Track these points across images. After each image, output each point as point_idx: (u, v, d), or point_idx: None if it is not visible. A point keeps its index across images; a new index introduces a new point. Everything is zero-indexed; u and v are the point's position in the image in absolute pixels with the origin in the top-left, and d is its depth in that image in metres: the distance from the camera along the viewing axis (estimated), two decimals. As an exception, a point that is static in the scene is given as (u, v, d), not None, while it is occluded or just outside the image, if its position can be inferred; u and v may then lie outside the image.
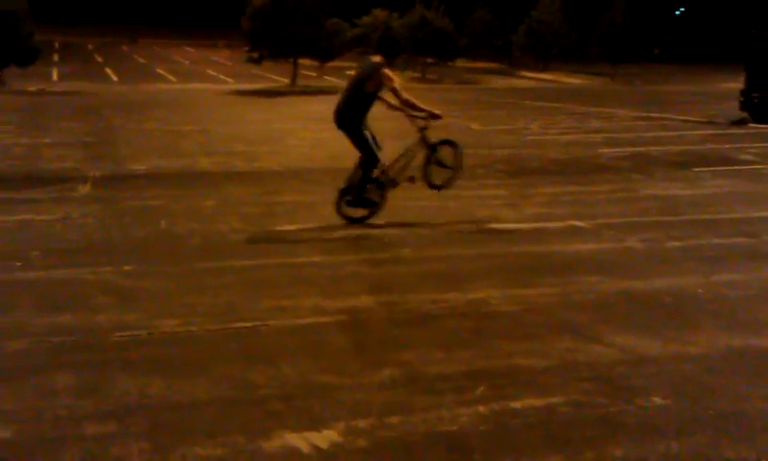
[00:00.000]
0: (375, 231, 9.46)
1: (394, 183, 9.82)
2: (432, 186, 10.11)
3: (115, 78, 35.19)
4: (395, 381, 5.49)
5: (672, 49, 58.64)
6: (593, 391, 5.39)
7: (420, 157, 10.08)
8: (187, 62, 45.89)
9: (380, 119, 10.11)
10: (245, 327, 6.44)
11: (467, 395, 5.29)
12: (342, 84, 31.92)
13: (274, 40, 31.73)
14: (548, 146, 17.04)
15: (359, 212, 9.72)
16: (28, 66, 29.71)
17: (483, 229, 9.73)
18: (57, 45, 51.58)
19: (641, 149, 16.68)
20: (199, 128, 19.18)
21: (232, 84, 32.99)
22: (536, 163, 14.72)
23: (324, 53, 33.72)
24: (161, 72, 38.56)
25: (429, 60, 41.67)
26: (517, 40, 48.28)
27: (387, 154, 9.83)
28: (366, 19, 46.71)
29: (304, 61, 34.19)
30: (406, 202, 10.14)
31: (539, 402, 5.21)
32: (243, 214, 10.24)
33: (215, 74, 38.34)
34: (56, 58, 43.71)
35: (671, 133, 19.69)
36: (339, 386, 5.40)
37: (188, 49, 57.51)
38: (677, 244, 9.22)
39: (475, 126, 20.34)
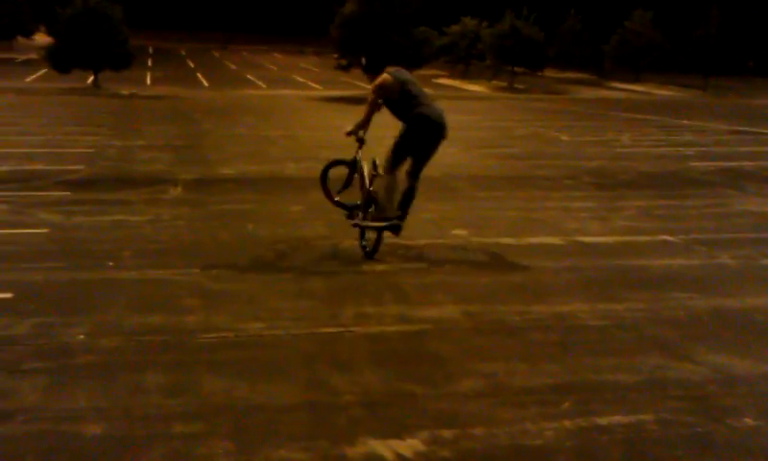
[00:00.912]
0: (462, 241, 9.43)
1: None
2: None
3: (206, 83, 35.81)
4: (479, 392, 5.46)
5: (768, 62, 57.16)
6: (682, 409, 5.27)
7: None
8: (276, 69, 46.46)
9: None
10: (329, 333, 6.47)
11: (552, 409, 5.23)
12: (428, 92, 31.87)
13: (362, 48, 31.90)
14: (638, 158, 16.76)
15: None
16: (122, 70, 30.44)
17: (570, 241, 9.60)
18: (150, 50, 52.74)
19: (734, 163, 16.28)
20: (287, 133, 19.39)
21: (320, 91, 33.28)
22: (625, 176, 14.49)
23: (413, 61, 33.74)
24: (251, 78, 39.11)
25: (518, 70, 41.43)
26: (609, 50, 47.66)
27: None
28: (455, 28, 46.72)
29: (392, 69, 34.29)
30: (490, 211, 10.07)
31: (626, 419, 5.11)
32: (329, 220, 10.28)
33: (303, 80, 38.72)
34: (149, 62, 44.68)
35: (766, 149, 19.18)
36: (423, 395, 5.39)
37: (277, 56, 58.23)
38: (771, 262, 8.98)
39: (564, 137, 20.13)
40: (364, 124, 9.04)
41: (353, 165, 9.29)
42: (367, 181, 8.94)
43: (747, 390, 5.63)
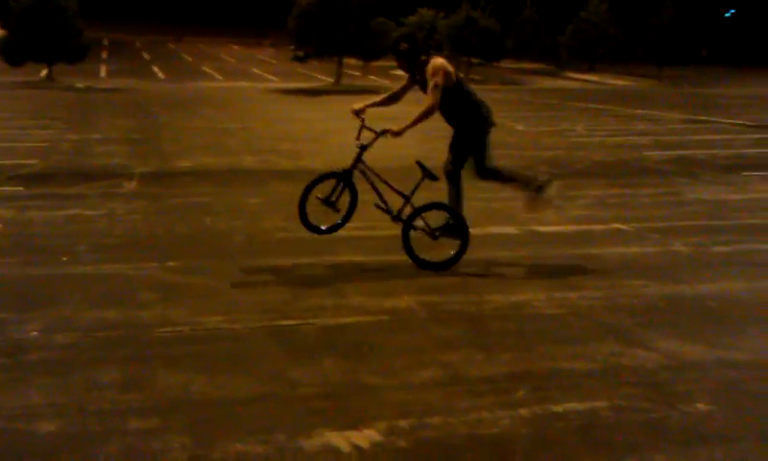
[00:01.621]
0: (417, 233, 9.43)
1: None
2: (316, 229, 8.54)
3: (162, 75, 35.52)
4: (436, 382, 5.49)
5: (721, 51, 57.91)
6: (637, 396, 5.34)
7: None
8: (233, 61, 46.20)
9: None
10: (288, 326, 6.47)
11: (508, 397, 5.27)
12: (386, 83, 31.83)
13: (319, 39, 31.83)
14: (594, 148, 16.91)
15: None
16: (76, 63, 30.11)
17: (526, 231, 9.66)
18: (105, 43, 52.18)
19: (688, 152, 16.48)
20: (244, 126, 19.30)
21: (277, 83, 33.15)
22: (581, 165, 14.62)
23: (369, 52, 33.73)
24: (207, 70, 38.86)
25: (474, 61, 41.53)
26: (564, 41, 47.95)
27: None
28: (412, 19, 46.69)
29: (349, 61, 34.27)
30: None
31: (581, 406, 5.17)
32: (287, 212, 10.25)
33: (260, 72, 38.55)
34: (104, 55, 44.22)
35: (719, 137, 19.44)
36: (380, 386, 5.41)
37: (234, 47, 57.88)
38: (723, 249, 9.11)
39: (520, 127, 20.25)
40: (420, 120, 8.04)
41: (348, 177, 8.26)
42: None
43: (699, 375, 5.72)
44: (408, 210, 8.23)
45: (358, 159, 8.22)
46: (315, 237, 8.71)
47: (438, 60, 8.11)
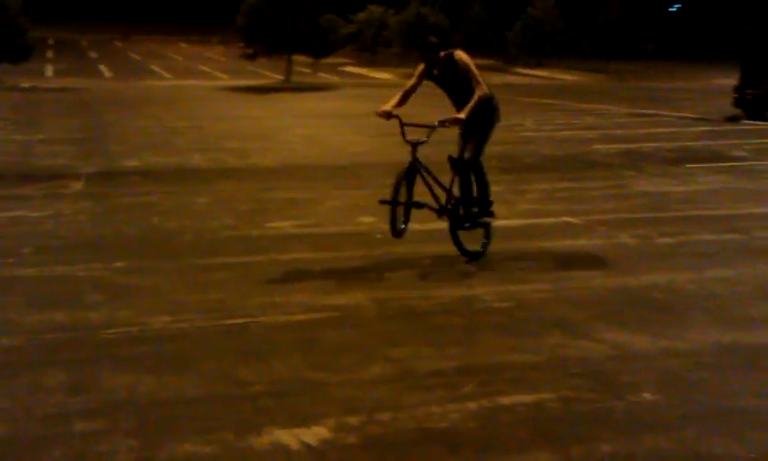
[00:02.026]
0: (367, 229, 9.46)
1: None
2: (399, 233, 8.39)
3: (109, 74, 35.12)
4: (385, 378, 5.50)
5: (667, 46, 58.64)
6: (583, 387, 5.40)
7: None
8: (181, 59, 45.81)
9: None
10: (236, 324, 6.44)
11: (457, 391, 5.30)
12: (335, 80, 31.75)
13: (268, 37, 31.69)
14: (542, 143, 17.04)
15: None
16: (21, 63, 29.64)
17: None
18: (51, 42, 51.43)
19: (634, 145, 16.68)
20: (192, 124, 19.15)
21: (226, 81, 32.93)
22: (530, 160, 14.73)
23: (319, 49, 33.65)
24: (155, 68, 38.48)
25: (424, 57, 41.53)
26: (513, 37, 48.24)
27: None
28: (361, 16, 46.67)
29: (299, 58, 34.17)
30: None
31: (528, 399, 5.22)
32: (235, 211, 10.23)
33: (209, 70, 38.27)
34: (50, 54, 43.57)
35: (664, 130, 19.70)
36: (330, 382, 5.41)
37: (182, 45, 57.39)
38: (668, 240, 9.24)
39: (469, 122, 20.31)
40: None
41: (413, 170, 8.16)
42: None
43: (645, 366, 5.80)
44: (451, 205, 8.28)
45: (414, 156, 8.13)
46: (263, 235, 8.72)
47: (463, 53, 8.27)
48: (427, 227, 9.30)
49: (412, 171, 8.11)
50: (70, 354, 5.81)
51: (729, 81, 25.52)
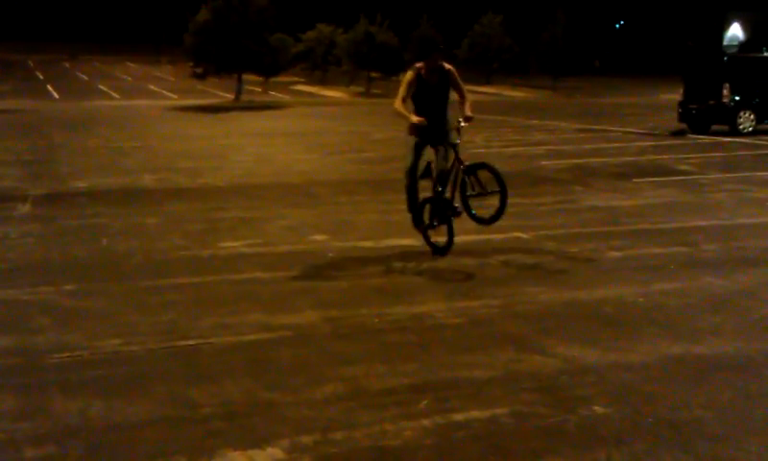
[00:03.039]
0: (320, 246, 9.45)
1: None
2: (480, 220, 9.29)
3: (56, 95, 34.76)
4: (338, 397, 5.48)
5: (613, 61, 59.46)
6: (536, 401, 5.43)
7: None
8: (130, 79, 45.47)
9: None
10: (187, 346, 6.38)
11: (411, 408, 5.29)
12: (286, 98, 31.68)
13: (217, 56, 31.60)
14: (492, 159, 17.07)
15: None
16: (-35, 84, 29.23)
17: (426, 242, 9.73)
18: (-5, 62, 50.78)
19: (582, 161, 16.88)
20: (142, 144, 19.01)
21: (176, 100, 32.75)
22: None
23: (269, 68, 33.63)
24: (103, 88, 38.16)
25: (374, 75, 41.74)
26: (460, 54, 48.61)
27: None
28: (310, 34, 46.74)
29: (249, 77, 34.10)
30: (349, 217, 10.13)
31: (482, 414, 5.23)
32: (186, 231, 10.16)
33: (158, 90, 38.03)
34: (-5, 75, 43.02)
35: (611, 145, 19.96)
36: (283, 403, 5.38)
37: (130, 65, 57.00)
38: (617, 254, 9.34)
39: (419, 139, 20.40)
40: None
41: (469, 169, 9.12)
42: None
43: (596, 379, 5.84)
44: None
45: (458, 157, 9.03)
46: (214, 255, 8.68)
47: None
48: (380, 243, 9.33)
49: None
50: (18, 380, 5.72)
51: (673, 96, 25.95)
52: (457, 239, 9.43)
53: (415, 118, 8.72)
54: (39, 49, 66.24)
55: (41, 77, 44.49)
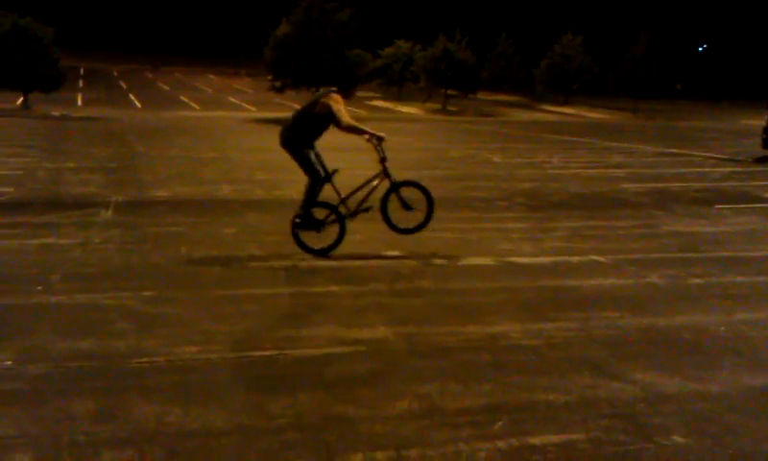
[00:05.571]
0: (395, 263, 9.46)
1: (353, 214, 9.82)
2: (394, 228, 9.99)
3: (139, 104, 35.46)
4: (413, 414, 5.46)
5: (694, 85, 58.55)
6: (613, 428, 5.34)
7: (381, 190, 9.98)
8: (210, 90, 46.18)
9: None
10: (263, 356, 6.43)
11: (485, 429, 5.25)
12: (362, 113, 31.90)
13: (296, 70, 31.90)
14: (570, 180, 17.00)
15: (316, 243, 9.65)
16: (52, 92, 30.01)
17: (503, 262, 9.68)
18: (82, 71, 52.05)
19: (663, 185, 16.62)
20: (220, 155, 19.28)
21: (255, 112, 33.17)
22: (557, 197, 14.69)
23: (346, 83, 33.82)
24: (184, 99, 38.82)
25: (451, 93, 41.73)
26: (539, 74, 48.34)
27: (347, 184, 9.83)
28: (389, 50, 46.93)
29: (326, 91, 34.33)
30: (424, 233, 10.10)
31: (558, 439, 5.16)
32: (262, 242, 10.25)
33: (237, 102, 38.55)
34: (81, 84, 44.09)
35: (693, 170, 19.62)
36: (356, 417, 5.38)
37: (211, 77, 57.91)
38: (698, 281, 9.16)
39: (496, 158, 20.34)
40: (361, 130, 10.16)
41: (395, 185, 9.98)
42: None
43: (675, 408, 5.72)
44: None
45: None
46: (290, 267, 8.71)
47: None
48: (457, 262, 9.29)
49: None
50: (98, 383, 5.81)
51: (756, 122, 25.40)
52: (533, 260, 9.37)
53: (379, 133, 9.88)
54: (123, 59, 67.74)
55: (124, 86, 45.48)
